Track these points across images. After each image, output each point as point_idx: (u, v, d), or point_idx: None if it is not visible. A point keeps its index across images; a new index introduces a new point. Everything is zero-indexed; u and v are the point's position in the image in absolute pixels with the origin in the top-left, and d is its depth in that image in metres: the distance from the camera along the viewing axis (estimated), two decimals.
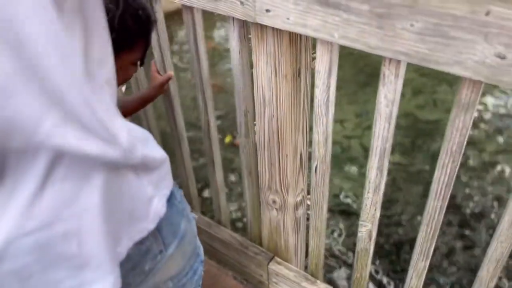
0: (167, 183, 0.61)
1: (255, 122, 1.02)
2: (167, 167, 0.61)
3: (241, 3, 0.80)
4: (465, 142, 0.74)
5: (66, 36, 0.40)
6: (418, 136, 2.29)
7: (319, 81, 0.84)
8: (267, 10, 0.78)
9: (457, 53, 0.62)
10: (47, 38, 0.38)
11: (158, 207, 0.58)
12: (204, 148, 1.22)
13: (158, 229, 0.60)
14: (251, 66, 0.94)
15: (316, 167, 0.98)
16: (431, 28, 0.62)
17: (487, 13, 0.57)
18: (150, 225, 0.57)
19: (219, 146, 1.21)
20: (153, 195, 0.57)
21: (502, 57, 0.58)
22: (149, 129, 1.34)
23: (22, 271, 0.48)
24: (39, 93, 0.39)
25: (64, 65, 0.40)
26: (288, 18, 0.76)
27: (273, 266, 1.26)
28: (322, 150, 0.94)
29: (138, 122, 1.05)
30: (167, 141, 1.34)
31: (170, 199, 0.64)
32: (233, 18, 0.87)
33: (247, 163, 1.14)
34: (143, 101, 1.10)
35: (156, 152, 0.58)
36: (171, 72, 1.12)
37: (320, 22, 0.73)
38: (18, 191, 0.44)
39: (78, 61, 0.42)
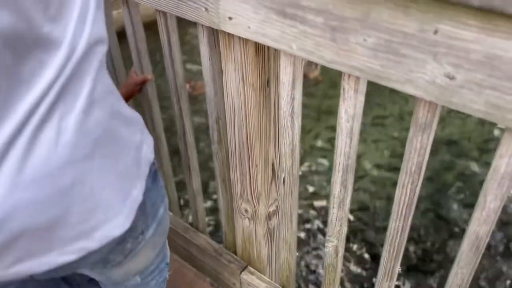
0: (147, 131, 0.67)
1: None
2: (141, 121, 0.67)
3: (206, 9, 0.79)
4: (424, 163, 0.71)
5: None
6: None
7: (284, 92, 0.82)
8: (230, 18, 0.76)
9: (408, 72, 0.60)
10: None
11: (148, 153, 0.64)
12: (180, 153, 1.21)
13: (144, 203, 0.63)
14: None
15: (284, 178, 0.96)
16: (383, 44, 0.60)
17: (436, 32, 0.55)
18: (145, 168, 0.63)
19: (196, 151, 1.20)
20: (142, 140, 0.63)
21: (451, 77, 0.56)
22: None
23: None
24: None
25: None
26: (249, 27, 0.75)
27: (245, 276, 1.24)
28: (289, 162, 0.92)
29: None
30: None
31: (155, 180, 0.68)
32: (202, 24, 0.86)
33: (220, 170, 1.12)
34: None
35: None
36: (149, 75, 1.11)
37: (278, 33, 0.71)
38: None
39: None
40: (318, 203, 2.01)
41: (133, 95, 1.14)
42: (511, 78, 0.52)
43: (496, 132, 2.33)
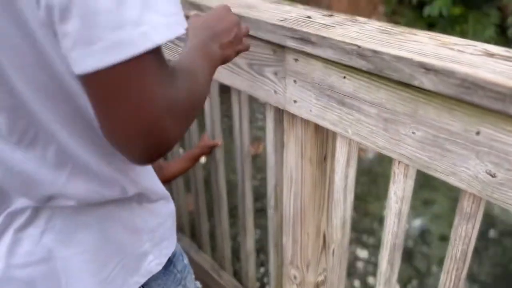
0: (169, 243, 0.65)
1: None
2: (171, 223, 0.66)
3: (275, 92, 0.91)
4: (469, 251, 0.73)
5: None
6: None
7: (339, 169, 0.89)
8: (295, 101, 0.87)
9: (452, 165, 0.65)
10: None
11: (152, 265, 0.62)
12: (239, 213, 1.30)
13: None
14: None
15: (333, 250, 1.01)
16: (430, 138, 0.67)
17: (478, 133, 0.60)
18: (141, 279, 0.61)
19: (253, 215, 1.28)
20: (149, 251, 0.62)
21: (492, 174, 0.61)
22: (196, 189, 1.46)
23: None
24: None
25: None
26: (311, 110, 0.84)
27: None
28: (339, 234, 0.97)
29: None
30: (209, 201, 1.44)
31: (168, 267, 0.67)
32: (270, 104, 0.97)
33: (273, 233, 1.19)
34: (189, 158, 1.25)
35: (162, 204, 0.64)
36: (219, 140, 1.25)
37: (337, 118, 0.80)
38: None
39: None
40: None
41: (203, 154, 1.29)
42: None
43: None
